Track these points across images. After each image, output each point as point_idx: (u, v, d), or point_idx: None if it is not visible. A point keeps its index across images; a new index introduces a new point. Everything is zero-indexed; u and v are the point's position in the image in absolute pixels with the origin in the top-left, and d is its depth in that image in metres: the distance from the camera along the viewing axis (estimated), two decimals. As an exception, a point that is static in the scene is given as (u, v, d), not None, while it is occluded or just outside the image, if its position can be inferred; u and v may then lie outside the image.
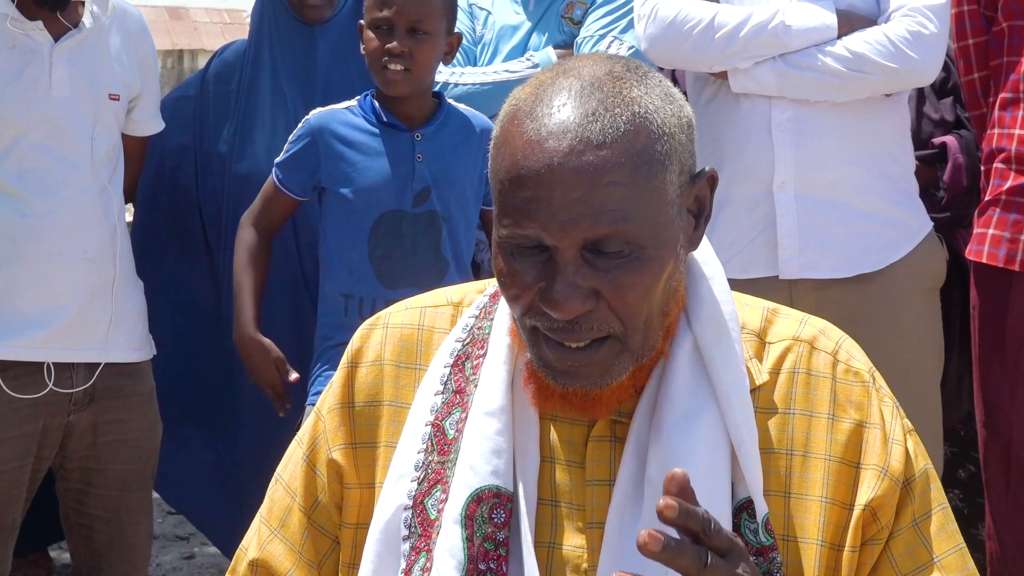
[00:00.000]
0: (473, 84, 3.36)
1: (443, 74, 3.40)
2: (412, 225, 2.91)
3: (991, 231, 2.89)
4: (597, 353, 1.36)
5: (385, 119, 2.94)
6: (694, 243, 1.44)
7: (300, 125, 2.99)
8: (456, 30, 3.00)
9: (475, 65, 3.49)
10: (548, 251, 1.34)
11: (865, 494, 1.42)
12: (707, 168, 1.43)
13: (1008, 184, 2.87)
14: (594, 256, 1.34)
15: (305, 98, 3.36)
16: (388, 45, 2.87)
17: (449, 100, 3.03)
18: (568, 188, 1.31)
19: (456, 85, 3.34)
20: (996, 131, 2.93)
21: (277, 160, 3.01)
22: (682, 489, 1.20)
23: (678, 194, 1.38)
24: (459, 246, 2.96)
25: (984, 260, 2.89)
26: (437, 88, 3.25)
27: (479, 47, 3.52)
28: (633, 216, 1.33)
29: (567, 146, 1.32)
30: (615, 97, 1.35)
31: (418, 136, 2.94)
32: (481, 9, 3.55)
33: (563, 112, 1.33)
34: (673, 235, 1.37)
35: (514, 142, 1.35)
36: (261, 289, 3.04)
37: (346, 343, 2.83)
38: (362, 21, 2.98)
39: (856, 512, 1.42)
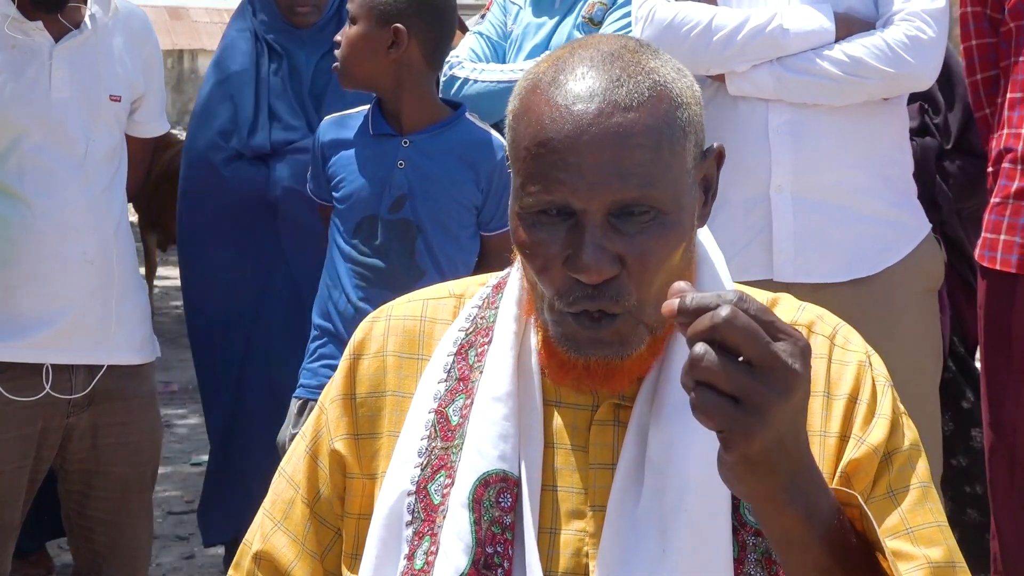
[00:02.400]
0: (489, 82, 3.37)
1: (464, 69, 3.42)
2: (386, 231, 2.92)
3: (1003, 237, 2.88)
4: (613, 324, 1.38)
5: (377, 126, 2.96)
6: (703, 219, 1.47)
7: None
8: (398, 25, 2.91)
9: (503, 61, 3.49)
10: (573, 218, 1.37)
11: (843, 462, 1.43)
12: (715, 144, 1.46)
13: (1016, 184, 2.88)
14: (619, 221, 1.36)
15: (295, 100, 3.39)
16: None
17: (468, 116, 3.02)
18: (597, 150, 1.34)
19: (475, 82, 3.36)
20: (1005, 131, 2.93)
21: (308, 174, 3.09)
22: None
23: (693, 165, 1.42)
24: (438, 256, 2.95)
25: (998, 267, 2.88)
26: (459, 83, 3.27)
27: (508, 42, 3.53)
28: (658, 180, 1.36)
29: (596, 109, 1.35)
30: (635, 66, 1.39)
31: (406, 142, 2.94)
32: (513, 4, 3.55)
33: (587, 79, 1.37)
34: (691, 204, 1.41)
35: (539, 109, 1.38)
36: None
37: (329, 332, 2.92)
38: None
39: (835, 480, 1.43)
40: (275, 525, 1.59)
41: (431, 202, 2.94)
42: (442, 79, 3.43)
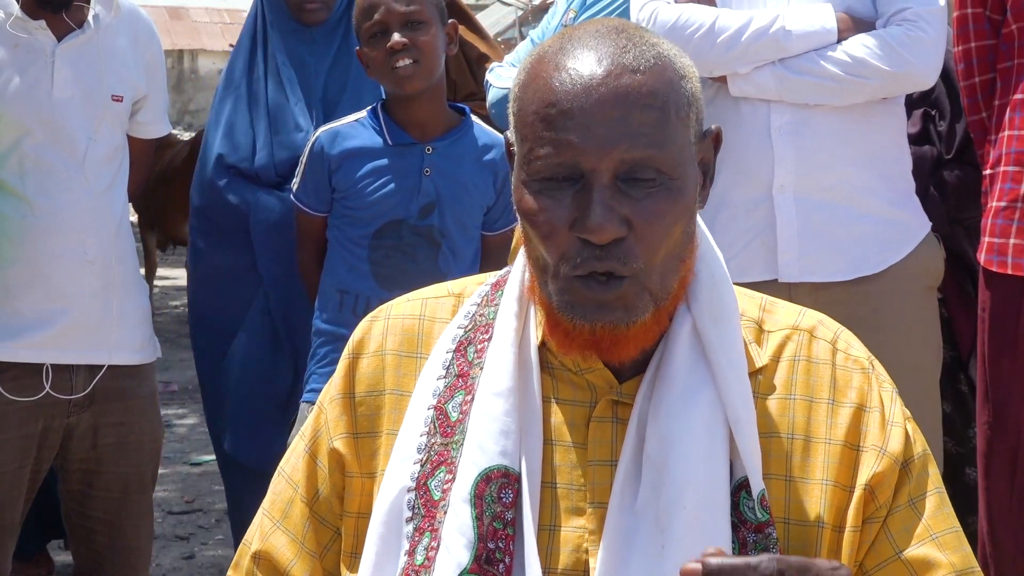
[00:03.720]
0: (500, 88, 3.38)
1: (492, 74, 3.43)
2: (412, 235, 2.94)
3: (1012, 241, 2.86)
4: (620, 287, 1.39)
5: (394, 135, 2.95)
6: (702, 201, 1.48)
7: (308, 145, 3.02)
8: (453, 20, 3.01)
9: None
10: (580, 182, 1.38)
11: (864, 474, 1.45)
12: (713, 126, 1.49)
13: None
14: (626, 185, 1.38)
15: (305, 98, 3.38)
16: (389, 43, 2.88)
17: (474, 118, 3.04)
18: (607, 108, 1.37)
19: (491, 86, 3.36)
20: (1007, 133, 2.91)
21: (294, 186, 3.04)
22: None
23: (695, 140, 1.44)
24: (460, 258, 2.96)
25: (1009, 271, 2.87)
26: (489, 88, 3.26)
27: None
28: (665, 144, 1.38)
29: (604, 71, 1.38)
30: (639, 38, 1.42)
31: (429, 149, 2.95)
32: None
33: (595, 46, 1.40)
34: (694, 177, 1.43)
35: (547, 74, 1.40)
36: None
37: (339, 338, 2.90)
38: (358, 48, 3.00)
39: (856, 492, 1.45)
40: (274, 524, 1.59)
41: (457, 207, 2.96)
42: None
